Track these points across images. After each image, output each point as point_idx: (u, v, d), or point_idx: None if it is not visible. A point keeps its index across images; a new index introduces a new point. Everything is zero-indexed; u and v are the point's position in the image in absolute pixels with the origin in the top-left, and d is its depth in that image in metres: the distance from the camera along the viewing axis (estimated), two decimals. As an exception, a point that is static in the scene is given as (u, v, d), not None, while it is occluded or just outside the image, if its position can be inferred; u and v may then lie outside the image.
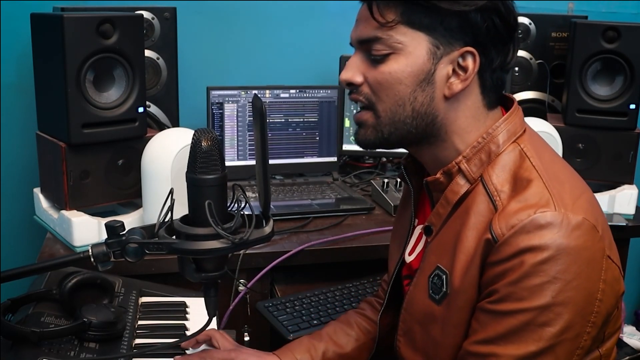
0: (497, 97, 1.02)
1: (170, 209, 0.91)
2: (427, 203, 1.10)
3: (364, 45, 0.99)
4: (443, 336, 0.99)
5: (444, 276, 0.98)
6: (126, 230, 0.92)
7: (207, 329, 0.98)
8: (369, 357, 1.25)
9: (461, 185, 0.98)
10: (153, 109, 1.86)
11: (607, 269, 0.91)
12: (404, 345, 1.09)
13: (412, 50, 0.95)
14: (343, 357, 1.22)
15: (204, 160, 0.87)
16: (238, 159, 2.03)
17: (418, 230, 1.13)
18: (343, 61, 2.11)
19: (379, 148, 1.04)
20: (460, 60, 0.96)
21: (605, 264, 0.91)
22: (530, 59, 2.09)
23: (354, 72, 1.00)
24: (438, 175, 1.01)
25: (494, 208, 0.93)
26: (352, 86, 1.01)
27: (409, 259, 1.14)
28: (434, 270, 1.00)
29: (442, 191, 1.01)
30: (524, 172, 0.94)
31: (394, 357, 1.17)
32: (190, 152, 0.89)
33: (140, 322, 1.18)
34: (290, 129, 2.07)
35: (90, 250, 0.91)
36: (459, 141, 1.00)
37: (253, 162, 1.98)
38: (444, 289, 0.98)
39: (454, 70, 0.96)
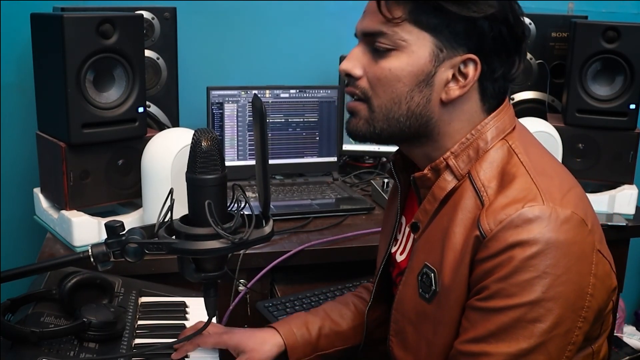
0: (497, 103, 1.00)
1: (170, 209, 0.91)
2: (415, 200, 1.10)
3: (368, 38, 0.98)
4: (435, 336, 0.98)
5: (432, 274, 0.98)
6: (126, 230, 0.92)
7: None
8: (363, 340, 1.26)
9: (448, 181, 0.98)
10: (153, 109, 1.86)
11: (598, 263, 0.91)
12: (396, 346, 1.09)
13: (415, 49, 0.94)
14: (339, 334, 1.23)
15: (203, 160, 0.87)
16: (238, 159, 2.03)
17: (408, 229, 1.12)
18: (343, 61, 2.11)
19: (368, 142, 1.03)
20: (462, 67, 0.95)
21: (595, 258, 0.90)
22: (530, 59, 2.09)
23: (355, 64, 1.00)
24: (425, 171, 1.00)
25: (481, 203, 0.93)
26: (351, 78, 1.00)
27: (400, 258, 1.14)
28: (422, 269, 1.00)
29: (429, 187, 1.00)
30: (511, 168, 0.94)
31: (381, 352, 1.17)
32: (190, 152, 0.89)
33: (140, 322, 1.18)
34: (290, 129, 2.07)
35: (90, 250, 0.91)
36: (449, 142, 0.99)
37: (253, 162, 1.98)
38: (434, 287, 0.98)
39: (453, 76, 0.95)
